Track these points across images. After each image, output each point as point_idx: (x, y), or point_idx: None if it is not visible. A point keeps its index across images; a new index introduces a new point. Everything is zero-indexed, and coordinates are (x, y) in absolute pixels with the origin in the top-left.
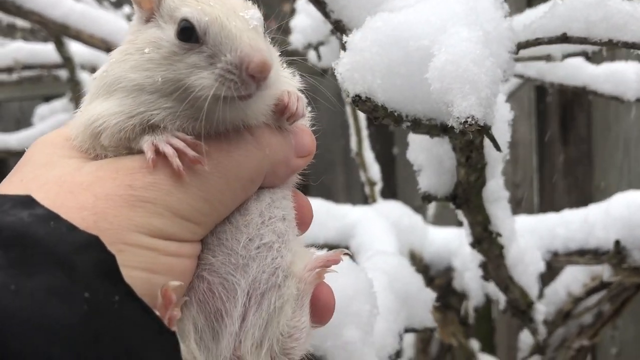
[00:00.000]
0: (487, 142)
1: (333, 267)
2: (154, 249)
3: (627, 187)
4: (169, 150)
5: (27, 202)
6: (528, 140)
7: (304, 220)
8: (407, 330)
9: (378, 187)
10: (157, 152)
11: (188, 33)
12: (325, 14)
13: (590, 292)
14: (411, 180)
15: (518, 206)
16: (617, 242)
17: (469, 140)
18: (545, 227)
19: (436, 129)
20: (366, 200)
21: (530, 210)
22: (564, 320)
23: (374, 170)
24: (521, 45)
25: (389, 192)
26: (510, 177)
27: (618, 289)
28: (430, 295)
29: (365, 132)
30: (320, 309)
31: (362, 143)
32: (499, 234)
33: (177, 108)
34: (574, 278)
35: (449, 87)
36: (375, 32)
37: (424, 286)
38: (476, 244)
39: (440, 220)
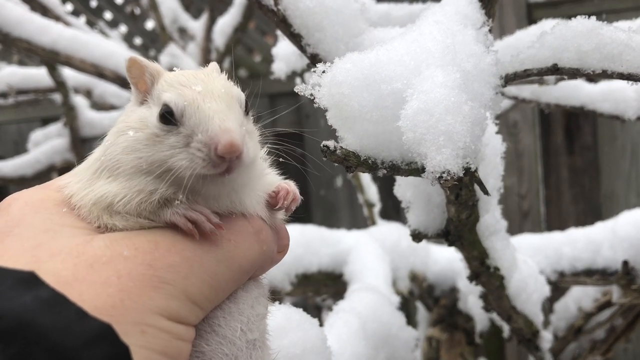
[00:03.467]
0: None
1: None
2: (169, 332)
3: (635, 196)
4: (199, 217)
5: (30, 280)
6: (533, 150)
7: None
8: None
9: (377, 209)
10: (186, 218)
11: (168, 116)
12: (301, 48)
13: (601, 307)
14: None
15: (525, 218)
16: (626, 263)
17: (458, 178)
18: (551, 246)
19: (417, 172)
20: (365, 220)
21: (537, 222)
22: (575, 336)
23: (372, 191)
24: (509, 78)
25: (394, 209)
26: (516, 189)
27: (630, 303)
28: (412, 334)
29: None
30: None
31: None
32: (497, 268)
33: (167, 185)
34: (584, 293)
35: (422, 139)
36: (344, 75)
37: (405, 324)
38: (474, 278)
39: None
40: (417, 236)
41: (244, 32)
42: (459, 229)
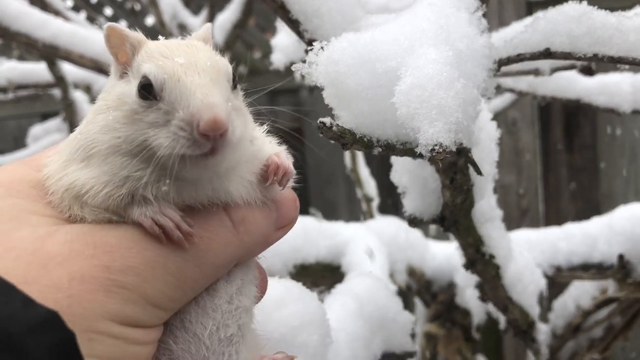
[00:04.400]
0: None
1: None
2: (122, 338)
3: (634, 194)
4: (168, 224)
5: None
6: (532, 148)
7: (261, 291)
8: (386, 356)
9: (375, 203)
10: (154, 222)
11: (147, 90)
12: (299, 33)
13: (600, 305)
14: None
15: (523, 216)
16: (621, 257)
17: (451, 162)
18: (548, 241)
19: (412, 152)
20: (363, 215)
21: (535, 220)
22: (574, 334)
23: (370, 186)
24: (502, 62)
25: (393, 206)
26: (515, 187)
27: (629, 301)
28: (409, 318)
29: None
30: None
31: (357, 159)
32: (492, 256)
33: (150, 169)
34: (583, 291)
35: (416, 113)
36: (341, 53)
37: (402, 309)
38: (470, 265)
39: (443, 232)
40: (412, 221)
41: (243, 29)
42: (455, 214)
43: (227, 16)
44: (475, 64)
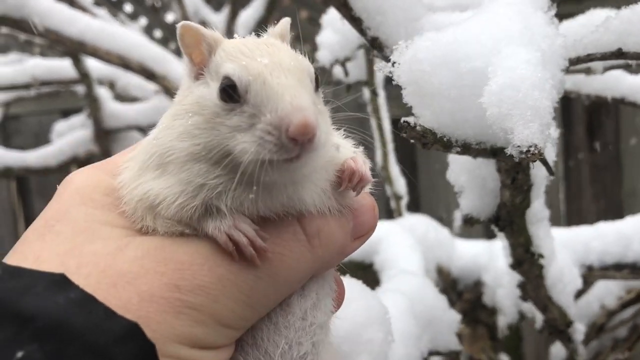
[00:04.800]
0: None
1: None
2: None
3: None
4: (241, 239)
5: (62, 282)
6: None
7: (337, 305)
8: (431, 354)
9: (404, 201)
10: (228, 237)
11: (230, 92)
12: (361, 31)
13: (625, 305)
14: (434, 189)
15: None
16: None
17: (516, 162)
18: (579, 240)
19: (485, 152)
20: (390, 213)
21: (557, 220)
22: (598, 334)
23: (400, 184)
24: (572, 62)
25: (412, 202)
26: None
27: None
28: (455, 317)
29: (391, 146)
30: None
31: (388, 156)
32: (541, 256)
33: (231, 176)
34: (608, 291)
35: (509, 113)
36: (425, 52)
37: (448, 307)
38: (517, 265)
39: (468, 230)
40: (469, 221)
41: (266, 26)
42: (511, 214)
43: (250, 13)
44: (554, 65)
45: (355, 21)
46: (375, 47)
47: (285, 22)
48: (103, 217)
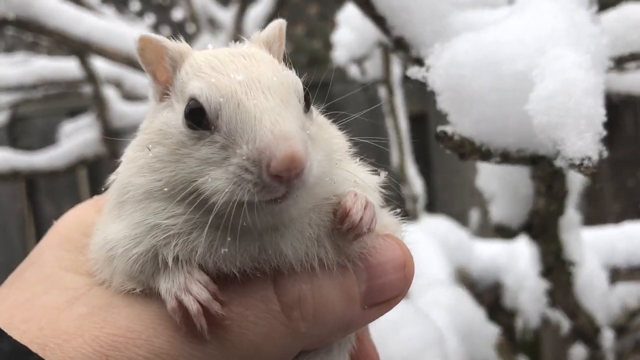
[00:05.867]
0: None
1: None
2: None
3: None
4: (191, 307)
5: None
6: None
7: None
8: None
9: (421, 202)
10: (179, 303)
11: (197, 116)
12: (385, 30)
13: None
14: (449, 186)
15: None
16: None
17: (553, 170)
18: (604, 241)
19: (525, 161)
20: (406, 215)
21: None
22: (619, 335)
23: (417, 184)
24: (615, 62)
25: (427, 198)
26: None
27: None
28: (492, 330)
29: (407, 145)
30: None
31: (405, 156)
32: (572, 263)
33: (195, 218)
34: (628, 291)
35: (559, 122)
36: (464, 55)
37: (486, 320)
38: (547, 273)
39: (484, 229)
40: (500, 230)
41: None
42: (545, 222)
43: (259, 10)
44: (601, 65)
45: (379, 20)
46: (400, 47)
47: (276, 25)
48: (71, 262)
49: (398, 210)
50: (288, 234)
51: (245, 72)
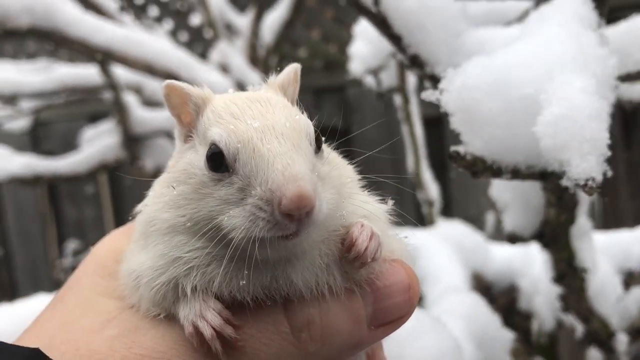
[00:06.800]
0: None
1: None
2: None
3: None
4: (206, 331)
5: (35, 357)
6: None
7: None
8: None
9: (436, 207)
10: (195, 328)
11: (217, 160)
12: (401, 49)
13: None
14: (465, 189)
15: None
16: None
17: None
18: (618, 244)
19: (534, 176)
20: (421, 220)
21: (592, 220)
22: (636, 338)
23: (432, 189)
24: (622, 79)
25: (442, 201)
26: None
27: None
28: (508, 335)
29: (423, 151)
30: None
31: (420, 162)
32: (584, 269)
33: (215, 252)
34: None
35: (565, 145)
36: (475, 79)
37: (501, 326)
38: (559, 279)
39: (501, 232)
40: (513, 238)
41: (290, 28)
42: (556, 232)
43: (276, 15)
44: (607, 87)
45: (395, 39)
46: (416, 65)
47: (291, 70)
48: (104, 287)
49: (405, 236)
50: (299, 265)
51: (261, 118)
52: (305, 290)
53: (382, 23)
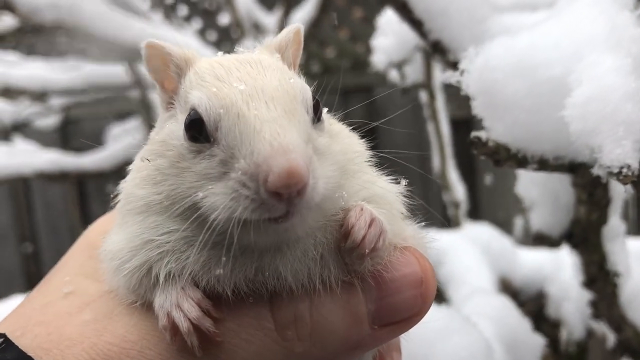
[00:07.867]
0: None
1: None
2: None
3: None
4: (182, 324)
5: (3, 343)
6: None
7: None
8: None
9: (463, 208)
10: (170, 319)
11: (197, 128)
12: (422, 34)
13: None
14: (494, 192)
15: None
16: None
17: (595, 177)
18: None
19: (563, 168)
20: (448, 221)
21: (625, 223)
22: None
23: (459, 190)
24: None
25: (471, 204)
26: None
27: None
28: (539, 341)
29: (449, 150)
30: None
31: (446, 161)
32: (616, 274)
33: (193, 235)
34: None
35: (596, 129)
36: (498, 59)
37: (532, 331)
38: (590, 283)
39: (530, 238)
40: (540, 238)
41: (317, 27)
42: (586, 231)
43: (303, 14)
44: None
45: (416, 24)
46: (437, 51)
47: (290, 30)
48: (91, 268)
49: (423, 222)
50: (290, 255)
51: (249, 80)
52: (295, 285)
53: (402, 7)
